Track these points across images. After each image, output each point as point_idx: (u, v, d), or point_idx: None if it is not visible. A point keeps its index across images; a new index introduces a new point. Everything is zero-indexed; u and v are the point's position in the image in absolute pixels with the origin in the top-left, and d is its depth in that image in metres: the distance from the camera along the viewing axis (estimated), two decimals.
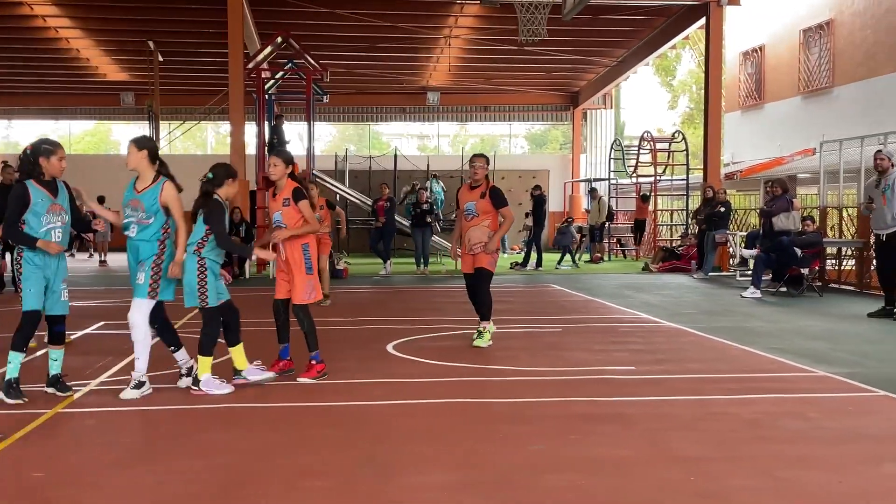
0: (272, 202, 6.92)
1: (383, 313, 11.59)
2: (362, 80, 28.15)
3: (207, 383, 6.39)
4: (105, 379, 6.94)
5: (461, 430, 5.43)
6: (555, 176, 30.82)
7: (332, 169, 26.01)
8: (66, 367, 7.39)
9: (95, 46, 24.69)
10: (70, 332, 9.37)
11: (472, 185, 8.76)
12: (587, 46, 24.71)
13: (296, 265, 6.73)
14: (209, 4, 19.15)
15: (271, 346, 7.21)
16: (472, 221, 8.59)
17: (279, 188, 6.81)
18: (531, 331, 9.77)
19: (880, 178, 10.93)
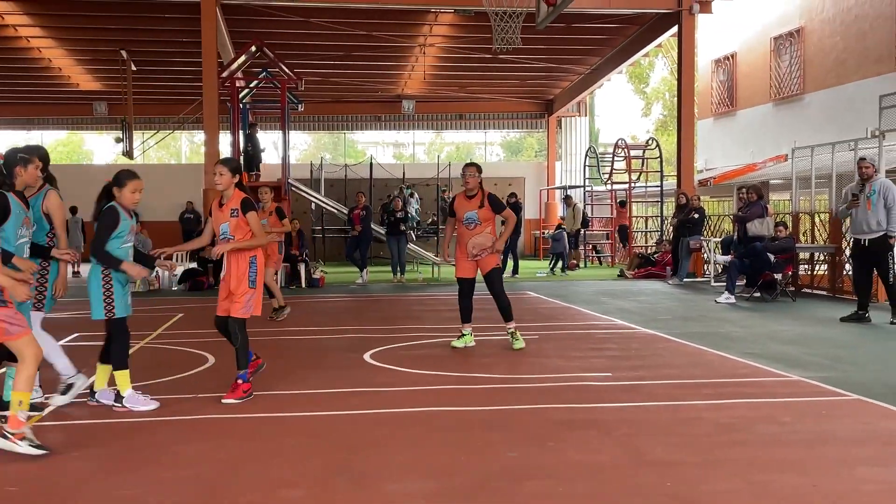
0: (218, 213, 6.63)
1: (360, 322, 11.57)
2: (337, 88, 28.13)
3: (131, 399, 6.19)
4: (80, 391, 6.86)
5: (439, 438, 5.43)
6: (530, 183, 30.93)
7: (307, 178, 25.93)
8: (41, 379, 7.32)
9: (68, 56, 24.49)
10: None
11: (469, 195, 8.87)
12: (561, 55, 24.85)
13: (239, 278, 6.48)
14: (183, 13, 19.07)
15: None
16: (475, 230, 8.76)
17: (226, 198, 6.59)
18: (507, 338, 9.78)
19: (864, 185, 11.03)
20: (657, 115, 46.88)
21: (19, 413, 5.01)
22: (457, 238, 9.01)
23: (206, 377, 7.48)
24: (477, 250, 8.73)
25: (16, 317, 5.01)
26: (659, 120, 46.34)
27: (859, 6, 19.73)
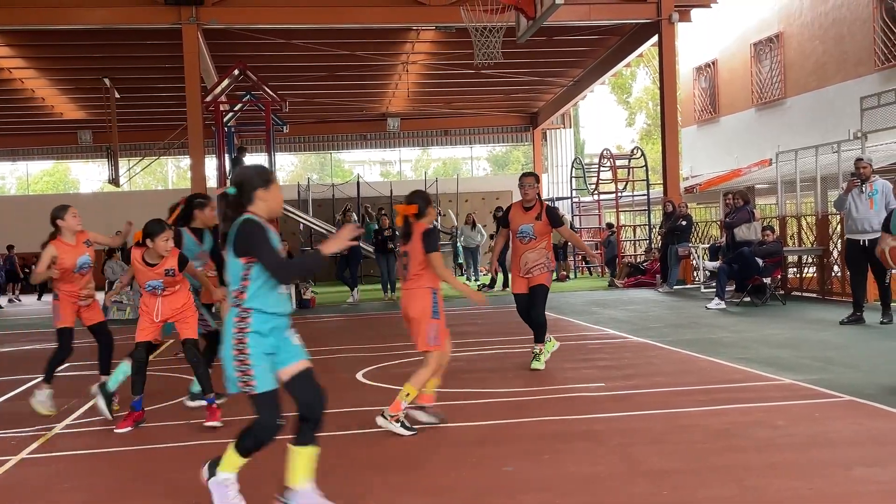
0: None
1: (352, 341, 11.55)
2: (322, 108, 28.19)
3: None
4: (70, 422, 6.84)
5: (433, 454, 5.42)
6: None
7: (294, 199, 25.93)
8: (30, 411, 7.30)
9: (51, 86, 24.48)
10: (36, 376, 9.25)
11: (526, 206, 8.50)
12: (543, 67, 24.97)
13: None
14: (165, 39, 19.09)
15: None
16: (529, 244, 8.33)
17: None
18: (501, 352, 9.79)
19: (863, 185, 10.98)
20: (641, 124, 47.13)
21: (403, 402, 5.88)
22: (511, 252, 8.64)
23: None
24: (530, 266, 8.32)
25: (440, 331, 6.04)
26: (643, 129, 46.56)
27: (836, 10, 19.92)
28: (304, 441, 4.21)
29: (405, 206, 6.04)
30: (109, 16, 17.83)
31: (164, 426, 6.56)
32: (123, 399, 6.83)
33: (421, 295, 6.01)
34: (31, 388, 8.54)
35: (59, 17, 17.73)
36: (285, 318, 4.21)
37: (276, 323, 4.13)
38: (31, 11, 17.54)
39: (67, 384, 8.85)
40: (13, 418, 7.09)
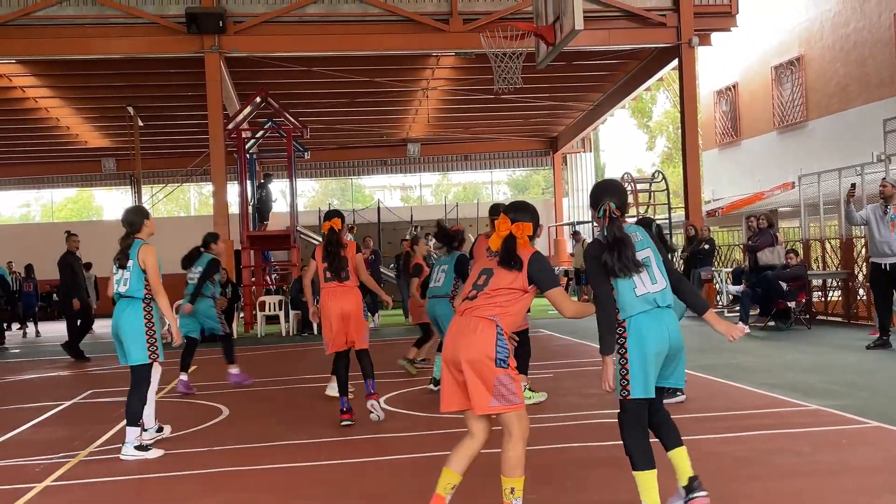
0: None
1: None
2: (343, 134, 28.37)
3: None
4: (94, 449, 6.86)
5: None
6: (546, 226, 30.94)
7: (315, 224, 26.04)
8: (55, 437, 7.34)
9: (75, 114, 24.81)
10: (58, 402, 9.31)
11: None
12: (563, 92, 25.03)
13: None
14: (187, 67, 19.33)
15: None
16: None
17: None
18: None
19: (887, 206, 10.84)
20: (662, 147, 47.06)
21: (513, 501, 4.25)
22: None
23: (220, 429, 7.45)
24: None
25: (516, 385, 4.24)
26: (664, 152, 46.49)
27: (858, 32, 19.87)
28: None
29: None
30: (133, 45, 18.08)
31: (189, 453, 6.57)
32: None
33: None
34: (53, 416, 8.60)
35: (83, 48, 17.99)
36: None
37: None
38: (56, 42, 17.82)
39: (91, 411, 8.90)
40: (37, 445, 7.13)
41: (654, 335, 4.22)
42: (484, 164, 33.12)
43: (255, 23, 18.14)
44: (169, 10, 17.95)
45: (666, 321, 4.27)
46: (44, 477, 5.93)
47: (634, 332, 4.23)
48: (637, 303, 4.25)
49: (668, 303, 4.31)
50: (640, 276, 4.24)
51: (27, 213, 46.11)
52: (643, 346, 4.20)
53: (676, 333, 4.32)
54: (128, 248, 6.51)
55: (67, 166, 30.41)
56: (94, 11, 17.80)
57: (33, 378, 12.38)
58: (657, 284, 4.28)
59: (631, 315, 4.25)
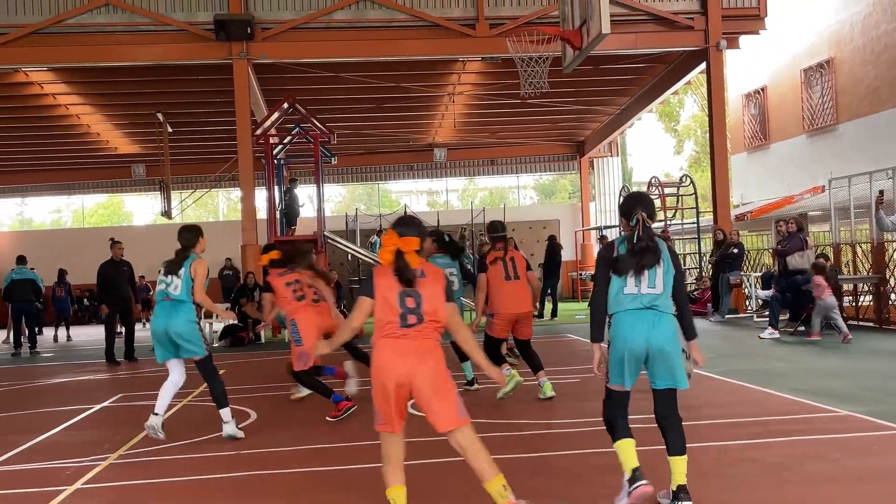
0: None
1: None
2: (369, 140, 28.48)
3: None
4: (124, 452, 6.92)
5: (480, 488, 5.37)
6: (565, 225, 30.89)
7: (342, 229, 26.17)
8: (86, 440, 7.43)
9: (105, 121, 25.09)
10: (89, 406, 9.42)
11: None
12: (590, 96, 24.96)
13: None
14: (216, 74, 19.49)
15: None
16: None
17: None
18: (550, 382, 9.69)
19: None
20: (689, 151, 46.76)
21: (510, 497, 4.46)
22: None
23: (248, 433, 7.50)
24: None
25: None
26: (692, 156, 46.19)
27: (889, 35, 19.64)
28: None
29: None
30: (162, 52, 18.27)
31: (216, 456, 6.62)
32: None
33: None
34: (85, 419, 8.70)
35: (113, 55, 18.22)
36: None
37: None
38: (86, 49, 18.05)
39: (121, 415, 8.99)
40: (69, 448, 7.21)
41: (631, 334, 4.53)
42: (510, 168, 33.10)
43: (282, 29, 18.27)
44: (198, 17, 18.13)
45: (649, 323, 4.52)
46: (75, 480, 6.00)
47: (616, 327, 4.58)
48: (625, 300, 4.56)
49: (661, 307, 4.57)
50: (637, 277, 4.53)
51: (58, 219, 46.71)
52: (619, 342, 4.57)
53: (660, 337, 4.54)
54: (183, 259, 7.28)
55: (98, 172, 30.76)
56: (125, 19, 18.02)
57: (65, 381, 12.52)
58: (654, 289, 4.55)
59: (617, 311, 4.59)
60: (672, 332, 4.60)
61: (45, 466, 6.50)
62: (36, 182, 31.14)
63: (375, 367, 4.38)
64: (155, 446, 7.03)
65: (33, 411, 9.40)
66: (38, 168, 30.07)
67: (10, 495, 5.76)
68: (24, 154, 28.36)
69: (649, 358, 4.58)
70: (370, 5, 18.55)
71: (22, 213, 43.19)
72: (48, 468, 6.41)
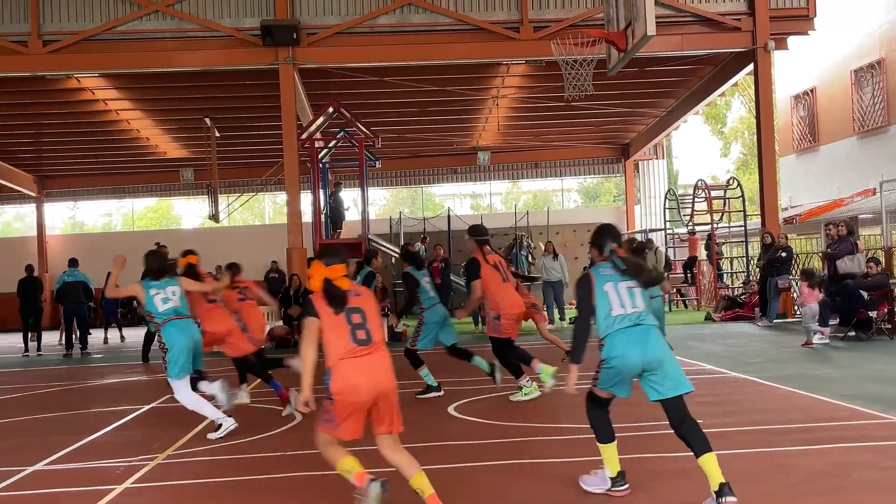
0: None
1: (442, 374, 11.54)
2: (413, 143, 28.57)
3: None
4: (172, 452, 7.03)
5: (523, 492, 5.36)
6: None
7: (387, 232, 26.28)
8: (134, 440, 7.56)
9: (155, 126, 25.51)
10: (137, 407, 9.58)
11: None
12: (635, 98, 24.77)
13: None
14: (262, 79, 19.71)
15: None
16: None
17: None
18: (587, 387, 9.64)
19: None
20: (737, 154, 46.16)
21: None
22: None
23: (293, 435, 7.56)
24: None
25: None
26: (739, 159, 45.59)
27: None
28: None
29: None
30: (210, 58, 18.52)
31: (260, 457, 6.68)
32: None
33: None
34: (133, 419, 8.86)
35: (163, 60, 18.51)
36: None
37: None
38: (136, 55, 18.36)
39: (169, 415, 9.12)
40: (118, 448, 7.34)
41: (628, 352, 4.89)
42: (554, 171, 32.98)
43: (327, 34, 18.42)
44: (245, 23, 18.35)
45: (642, 339, 4.89)
46: (124, 479, 6.10)
47: (611, 346, 4.93)
48: (616, 321, 4.96)
49: (647, 321, 4.97)
50: (620, 299, 4.96)
51: (109, 223, 47.56)
52: (618, 360, 4.91)
53: (655, 349, 4.90)
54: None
55: (147, 176, 31.29)
56: (173, 25, 18.30)
57: (114, 382, 12.76)
58: (637, 308, 4.97)
59: (609, 332, 4.96)
60: (663, 341, 4.98)
61: (95, 466, 6.62)
62: (87, 186, 31.76)
63: (348, 388, 4.62)
64: (203, 447, 7.14)
65: (84, 411, 9.59)
66: (90, 172, 30.67)
67: (61, 494, 5.89)
68: (76, 159, 28.94)
69: (648, 371, 4.89)
70: (414, 9, 18.62)
71: (74, 217, 44.07)
72: (98, 467, 6.53)
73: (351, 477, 4.76)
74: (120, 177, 31.19)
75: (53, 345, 19.66)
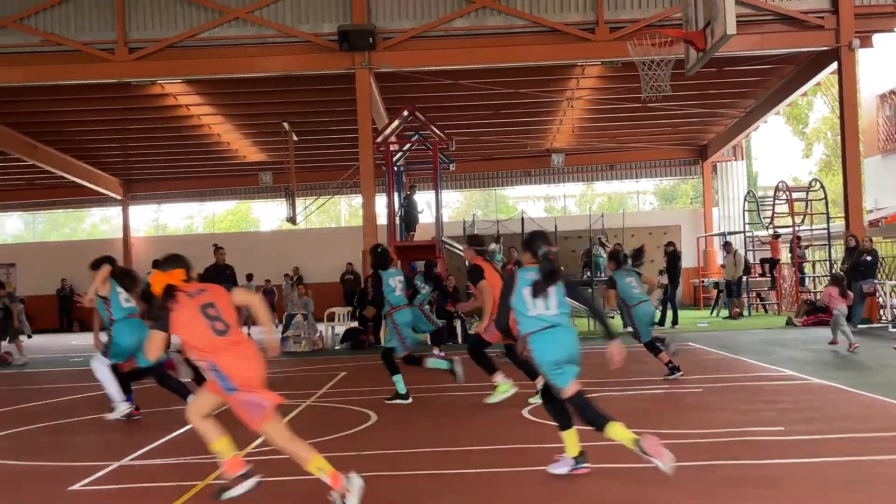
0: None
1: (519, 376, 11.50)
2: (487, 146, 28.58)
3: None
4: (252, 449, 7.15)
5: (600, 496, 5.32)
6: (686, 231, 30.20)
7: (460, 235, 26.33)
8: None
9: (235, 130, 26.07)
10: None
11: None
12: (713, 99, 24.34)
13: None
14: (339, 84, 19.97)
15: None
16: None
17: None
18: (671, 391, 9.52)
19: None
20: (819, 155, 44.92)
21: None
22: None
23: (368, 435, 7.64)
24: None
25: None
26: (822, 160, 44.36)
27: None
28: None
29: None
30: (289, 63, 18.85)
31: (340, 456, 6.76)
32: None
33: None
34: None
35: (243, 66, 18.91)
36: None
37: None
38: (218, 61, 18.80)
39: None
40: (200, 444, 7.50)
41: (549, 348, 5.53)
42: (630, 173, 32.63)
43: (403, 38, 18.56)
44: (322, 28, 18.61)
45: (561, 336, 5.57)
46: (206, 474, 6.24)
47: (533, 344, 5.58)
48: (531, 322, 5.57)
49: (564, 322, 5.61)
50: (538, 301, 5.53)
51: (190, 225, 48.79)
52: (543, 356, 5.54)
53: (570, 346, 5.60)
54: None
55: (228, 180, 32.02)
56: (253, 32, 18.68)
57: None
58: (550, 310, 5.55)
59: (529, 332, 5.58)
60: (576, 340, 5.65)
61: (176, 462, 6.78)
62: (170, 189, 32.65)
63: (242, 373, 5.18)
64: None
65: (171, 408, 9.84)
66: (173, 176, 31.52)
67: (149, 488, 6.07)
68: (160, 163, 29.78)
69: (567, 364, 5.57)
70: (489, 12, 18.63)
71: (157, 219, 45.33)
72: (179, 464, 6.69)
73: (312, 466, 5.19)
74: (201, 180, 31.97)
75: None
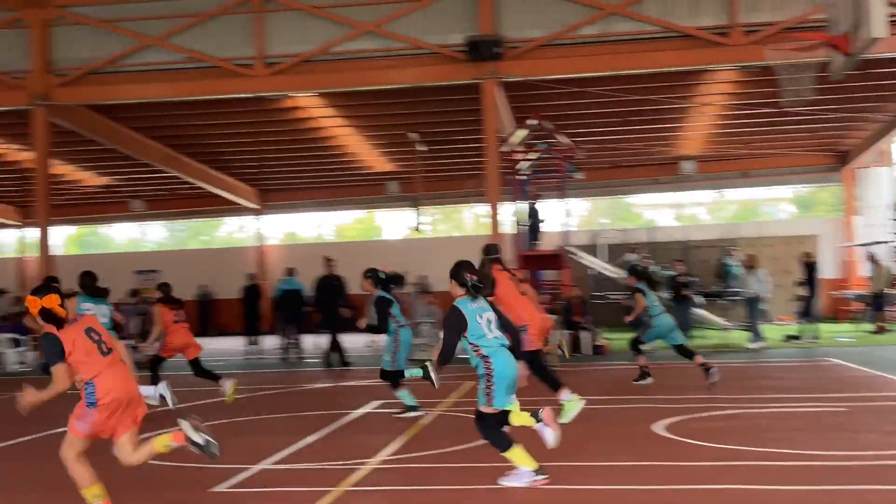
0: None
1: (646, 391, 11.27)
2: (614, 154, 28.16)
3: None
4: (386, 457, 7.24)
5: None
6: (825, 240, 28.88)
7: (587, 244, 26.02)
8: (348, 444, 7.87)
9: (363, 142, 26.58)
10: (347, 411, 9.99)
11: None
12: (857, 103, 23.17)
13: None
14: (465, 94, 20.06)
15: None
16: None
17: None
18: (811, 410, 9.09)
19: None
20: None
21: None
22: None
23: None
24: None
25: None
26: None
27: None
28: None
29: None
30: (418, 75, 19.06)
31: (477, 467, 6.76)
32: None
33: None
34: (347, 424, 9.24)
35: (373, 78, 19.23)
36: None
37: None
38: (349, 75, 19.19)
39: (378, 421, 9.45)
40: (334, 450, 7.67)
41: (509, 365, 6.13)
42: (764, 180, 31.49)
43: (530, 47, 18.47)
44: (449, 39, 18.73)
45: (510, 357, 6.20)
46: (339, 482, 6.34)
47: (496, 362, 6.10)
48: (492, 343, 6.16)
49: (505, 342, 6.25)
50: (488, 326, 6.20)
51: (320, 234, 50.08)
52: (504, 373, 6.08)
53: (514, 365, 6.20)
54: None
55: (355, 189, 32.70)
56: (382, 45, 19.00)
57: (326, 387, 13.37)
58: (493, 333, 6.21)
59: (491, 350, 6.13)
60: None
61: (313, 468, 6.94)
62: (302, 199, 33.64)
63: (114, 390, 5.32)
64: (412, 454, 7.32)
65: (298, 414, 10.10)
66: (304, 186, 32.45)
67: (280, 493, 6.23)
68: (293, 173, 30.71)
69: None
70: (618, 18, 18.32)
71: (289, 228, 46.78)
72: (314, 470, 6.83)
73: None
74: (329, 190, 32.76)
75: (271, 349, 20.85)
